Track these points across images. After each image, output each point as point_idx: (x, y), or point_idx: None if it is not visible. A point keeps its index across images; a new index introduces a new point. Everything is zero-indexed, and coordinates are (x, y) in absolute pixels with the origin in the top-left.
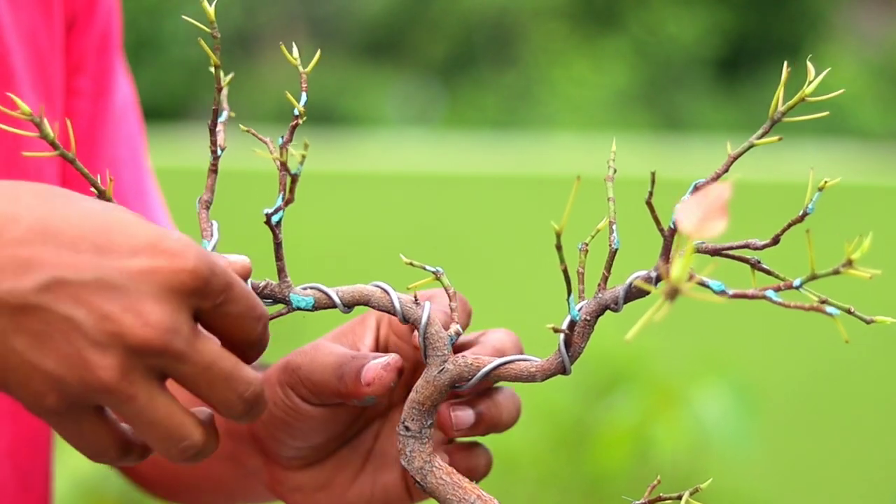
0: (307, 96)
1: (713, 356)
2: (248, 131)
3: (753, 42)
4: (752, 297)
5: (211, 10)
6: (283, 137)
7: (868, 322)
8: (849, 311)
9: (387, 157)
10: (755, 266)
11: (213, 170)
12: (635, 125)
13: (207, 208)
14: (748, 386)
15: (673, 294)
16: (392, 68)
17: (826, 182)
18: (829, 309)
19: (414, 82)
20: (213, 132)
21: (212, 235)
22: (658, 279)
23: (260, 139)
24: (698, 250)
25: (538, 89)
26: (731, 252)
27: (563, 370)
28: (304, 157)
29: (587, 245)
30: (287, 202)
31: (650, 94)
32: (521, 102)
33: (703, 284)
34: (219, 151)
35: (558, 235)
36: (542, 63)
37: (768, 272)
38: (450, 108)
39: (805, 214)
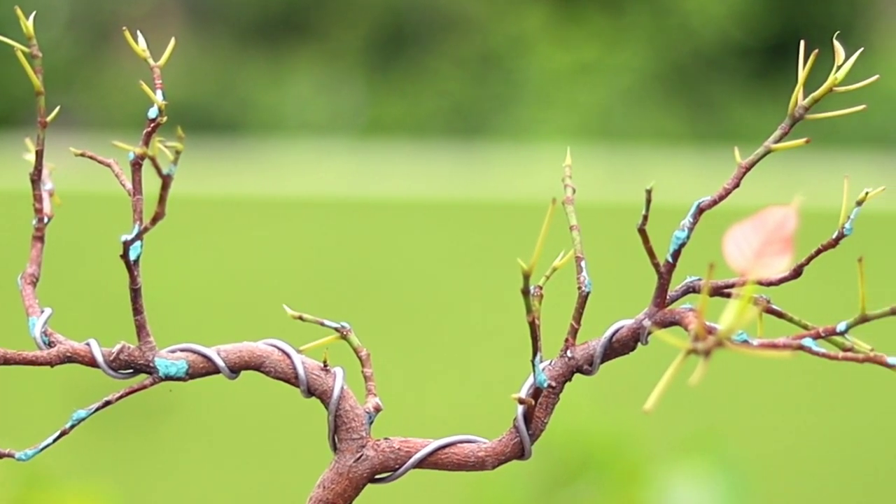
0: (163, 95)
1: (703, 433)
2: (82, 155)
3: (789, 34)
4: (785, 347)
5: (30, 24)
6: (133, 154)
7: None
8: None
9: (288, 176)
10: (765, 308)
11: (39, 237)
12: (642, 132)
13: (33, 284)
14: (741, 467)
15: (710, 351)
16: (295, 58)
17: (867, 193)
18: (890, 359)
19: (325, 77)
20: (35, 184)
21: (41, 311)
22: (662, 326)
23: (100, 161)
24: (691, 289)
25: (498, 86)
26: (733, 290)
27: (522, 454)
28: (178, 153)
29: (541, 289)
30: (156, 218)
31: (657, 94)
32: (474, 102)
33: (712, 332)
34: (45, 218)
35: (526, 277)
36: (506, 52)
37: (781, 315)
38: (374, 111)
39: (840, 237)
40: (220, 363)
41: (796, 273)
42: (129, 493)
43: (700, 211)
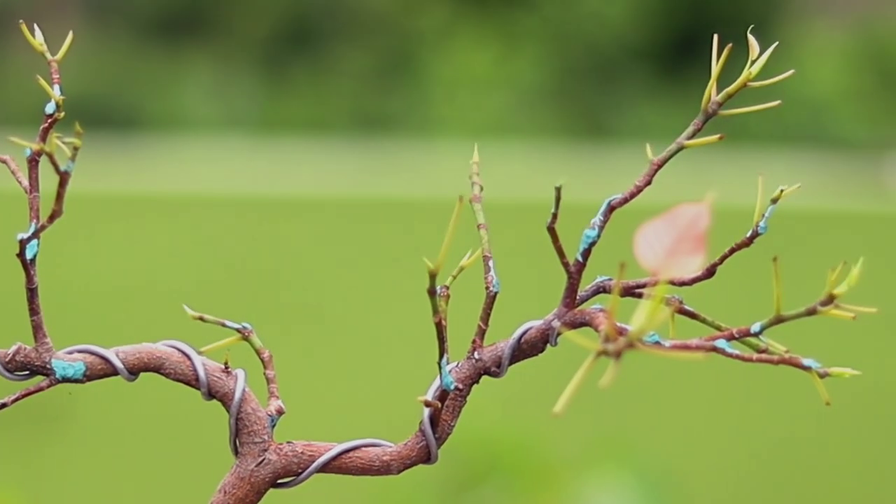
0: (61, 90)
1: (614, 437)
2: None
3: (701, 26)
4: (698, 349)
5: None
6: (30, 150)
7: (822, 375)
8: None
9: (186, 173)
10: (678, 308)
11: None
12: (547, 130)
13: None
14: (659, 474)
15: (621, 353)
16: (193, 54)
17: (782, 191)
18: (806, 361)
19: (223, 73)
20: None
21: None
22: (572, 326)
23: None
24: (601, 289)
25: (406, 81)
26: (644, 290)
27: (428, 458)
28: (76, 149)
29: (448, 289)
30: (53, 216)
31: (567, 90)
32: (378, 100)
33: (623, 334)
34: None
35: (432, 277)
36: (411, 48)
37: (694, 316)
38: (275, 108)
39: (755, 236)
40: (119, 365)
41: (709, 272)
42: (28, 496)
43: (611, 209)
